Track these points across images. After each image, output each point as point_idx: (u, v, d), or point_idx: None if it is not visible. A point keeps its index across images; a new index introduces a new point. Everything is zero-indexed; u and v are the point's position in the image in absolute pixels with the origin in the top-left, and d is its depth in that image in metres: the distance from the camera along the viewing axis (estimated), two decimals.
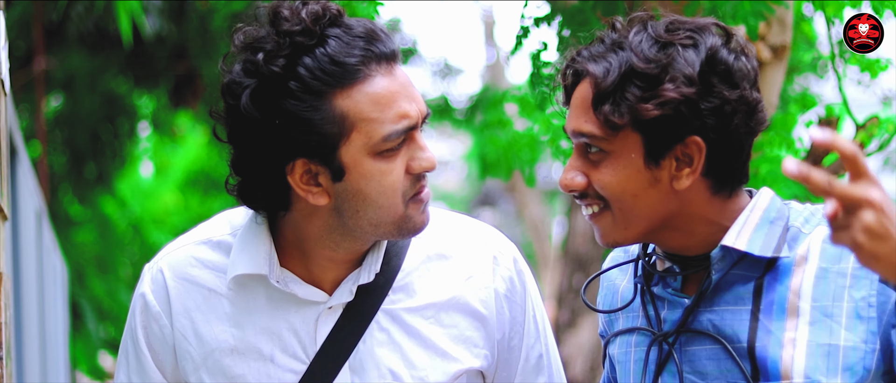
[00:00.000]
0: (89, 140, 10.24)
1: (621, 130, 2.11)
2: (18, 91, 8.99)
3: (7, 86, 3.09)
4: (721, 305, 2.18)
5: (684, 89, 2.08)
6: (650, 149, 2.12)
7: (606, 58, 2.13)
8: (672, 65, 2.09)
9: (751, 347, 2.14)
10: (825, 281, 2.12)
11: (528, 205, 13.88)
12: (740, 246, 2.14)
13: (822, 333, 2.11)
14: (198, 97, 10.46)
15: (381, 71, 2.15)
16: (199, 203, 14.35)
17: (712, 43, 2.12)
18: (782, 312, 2.13)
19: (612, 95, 2.10)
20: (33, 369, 5.15)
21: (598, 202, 2.17)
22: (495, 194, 21.60)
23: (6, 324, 2.79)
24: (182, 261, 2.34)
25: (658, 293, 2.25)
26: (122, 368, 2.38)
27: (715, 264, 2.16)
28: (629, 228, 2.16)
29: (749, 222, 2.16)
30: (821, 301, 2.12)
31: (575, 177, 2.17)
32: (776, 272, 2.15)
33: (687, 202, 2.16)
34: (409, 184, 2.18)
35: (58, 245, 7.75)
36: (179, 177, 15.01)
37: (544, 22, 3.71)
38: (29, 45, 9.15)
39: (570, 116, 2.18)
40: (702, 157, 2.12)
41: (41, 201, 6.49)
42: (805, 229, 2.17)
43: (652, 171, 2.13)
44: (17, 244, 4.76)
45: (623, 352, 2.31)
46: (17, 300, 4.60)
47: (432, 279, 2.33)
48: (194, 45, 9.74)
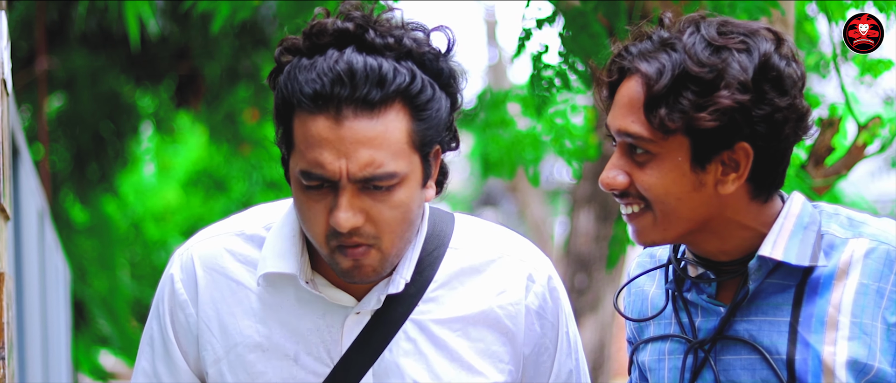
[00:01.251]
0: (91, 140, 10.23)
1: (671, 134, 2.09)
2: (21, 91, 8.99)
3: (9, 86, 3.09)
4: (758, 315, 2.16)
5: (739, 96, 2.06)
6: (698, 154, 2.10)
7: (658, 57, 2.10)
8: (726, 70, 2.06)
9: (790, 360, 2.12)
10: (865, 297, 2.10)
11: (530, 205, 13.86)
12: (777, 255, 2.12)
13: (860, 349, 2.09)
14: (200, 97, 10.46)
15: (328, 114, 2.10)
16: (201, 203, 14.34)
17: (765, 48, 2.09)
18: (821, 326, 2.11)
19: (666, 99, 2.07)
20: (35, 369, 5.15)
21: (639, 202, 2.15)
22: (497, 194, 21.58)
23: (8, 324, 2.79)
24: (214, 251, 2.32)
25: (691, 299, 2.22)
26: (146, 354, 2.36)
27: (752, 274, 2.14)
28: (669, 230, 2.14)
29: (784, 229, 2.14)
30: (860, 317, 2.10)
31: (617, 176, 2.14)
32: (816, 283, 2.13)
33: (726, 206, 2.14)
34: (332, 232, 2.15)
35: (60, 245, 7.75)
36: (182, 176, 15.01)
37: (546, 23, 3.71)
38: (31, 45, 9.15)
39: (615, 114, 2.15)
40: (749, 163, 2.10)
41: (43, 201, 6.49)
42: (841, 234, 2.15)
43: (697, 175, 2.11)
44: (19, 244, 4.76)
45: (655, 359, 2.28)
46: (20, 300, 4.60)
47: (464, 292, 2.30)
48: (196, 45, 9.74)
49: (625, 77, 2.15)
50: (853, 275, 2.11)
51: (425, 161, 2.18)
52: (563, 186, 15.91)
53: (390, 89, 2.10)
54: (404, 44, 2.13)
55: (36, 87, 9.04)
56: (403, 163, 2.13)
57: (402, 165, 2.13)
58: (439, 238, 2.31)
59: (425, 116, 2.14)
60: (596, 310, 8.77)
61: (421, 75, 2.14)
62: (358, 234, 2.14)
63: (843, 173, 3.95)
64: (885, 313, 2.09)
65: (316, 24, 2.15)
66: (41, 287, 5.82)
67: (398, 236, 2.17)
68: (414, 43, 2.14)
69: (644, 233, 2.16)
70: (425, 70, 2.15)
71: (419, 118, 2.14)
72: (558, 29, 3.73)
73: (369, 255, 2.16)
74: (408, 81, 2.11)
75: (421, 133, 2.14)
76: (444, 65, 2.17)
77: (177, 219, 15.23)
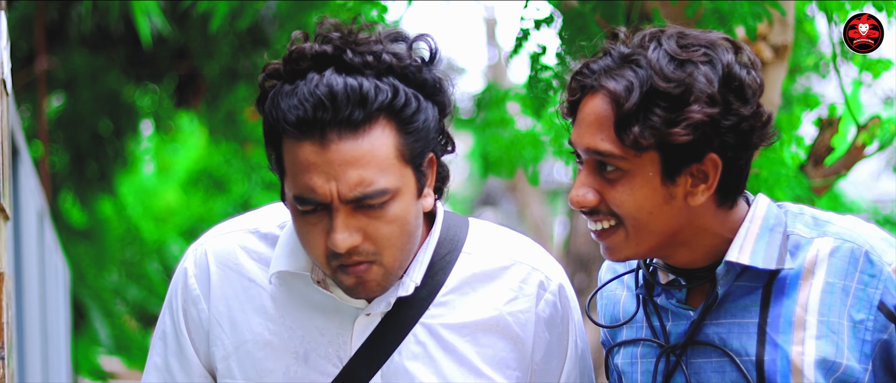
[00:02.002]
0: (91, 139, 10.23)
1: (643, 150, 2.09)
2: (20, 91, 8.99)
3: (9, 85, 3.09)
4: (727, 318, 2.17)
5: (708, 110, 2.07)
6: (668, 168, 2.11)
7: (623, 74, 2.10)
8: (694, 84, 2.08)
9: (759, 361, 2.14)
10: (831, 295, 2.13)
11: (530, 204, 13.87)
12: (744, 260, 2.14)
13: (828, 348, 2.11)
14: (199, 97, 10.46)
15: (313, 139, 2.10)
16: (201, 202, 14.34)
17: (727, 59, 2.11)
18: (789, 326, 2.13)
19: (636, 116, 2.08)
20: (35, 369, 5.14)
21: (609, 218, 2.15)
22: (497, 194, 21.58)
23: (8, 324, 2.79)
24: (228, 248, 2.33)
25: (662, 304, 2.24)
26: (158, 349, 2.36)
27: (720, 279, 2.15)
28: (641, 244, 2.15)
29: (750, 233, 2.16)
30: (827, 316, 2.12)
31: (587, 194, 2.15)
32: (782, 284, 2.15)
33: (695, 216, 2.16)
34: (331, 254, 2.15)
35: (59, 244, 7.75)
36: (181, 176, 15.01)
37: (544, 24, 3.71)
38: (31, 44, 9.15)
39: (582, 132, 2.15)
40: (717, 174, 2.12)
41: (43, 201, 6.49)
42: (806, 234, 2.17)
43: (668, 188, 2.12)
44: (18, 244, 4.76)
45: (628, 363, 2.30)
46: (19, 300, 4.60)
47: (475, 297, 2.30)
48: (196, 45, 9.74)
49: (587, 94, 2.16)
50: (819, 274, 2.14)
51: (418, 171, 2.19)
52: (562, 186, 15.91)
53: (373, 107, 2.10)
54: (384, 60, 2.13)
55: (35, 86, 9.04)
56: (394, 179, 2.13)
57: (393, 180, 2.13)
58: (453, 242, 2.31)
59: (412, 129, 2.15)
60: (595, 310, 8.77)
61: (404, 89, 2.14)
62: (357, 253, 2.15)
63: (843, 173, 3.95)
64: (851, 311, 2.11)
65: (295, 49, 2.15)
66: (41, 287, 5.82)
67: (398, 249, 2.18)
68: (394, 58, 2.14)
69: (616, 249, 2.17)
70: (408, 83, 2.15)
71: (406, 131, 2.14)
72: (556, 29, 3.73)
73: (372, 271, 2.17)
74: (390, 97, 2.12)
75: (410, 145, 2.15)
76: (427, 75, 2.17)
77: (176, 219, 15.23)
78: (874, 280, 2.11)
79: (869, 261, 2.12)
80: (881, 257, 2.12)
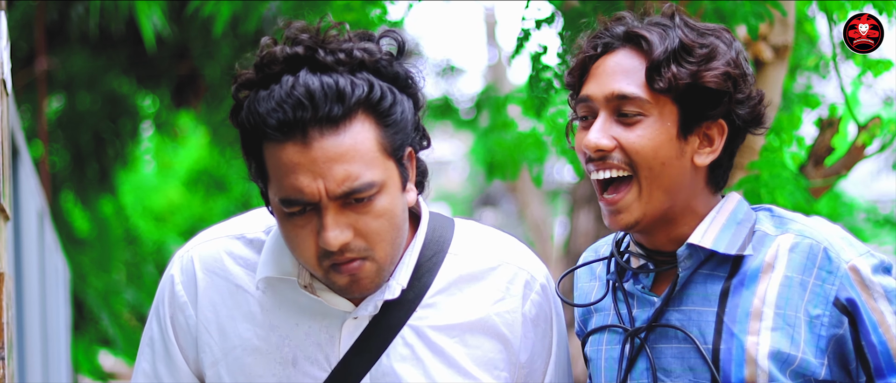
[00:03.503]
0: (91, 140, 10.24)
1: (666, 96, 2.18)
2: (20, 91, 8.99)
3: (9, 86, 3.09)
4: (688, 305, 2.22)
5: (732, 70, 2.18)
6: (684, 122, 2.19)
7: (653, 30, 2.22)
8: (717, 48, 2.20)
9: (715, 349, 2.19)
10: (789, 289, 2.18)
11: (530, 205, 13.86)
12: (706, 243, 2.20)
13: (783, 340, 2.16)
14: (199, 97, 10.46)
15: (295, 139, 2.11)
16: (201, 203, 14.35)
17: (737, 45, 2.24)
18: (746, 317, 2.18)
19: (669, 61, 2.18)
20: (35, 368, 5.15)
21: (622, 167, 2.19)
22: (497, 194, 21.58)
23: (8, 324, 2.79)
24: (214, 254, 2.34)
25: (629, 290, 2.29)
26: (146, 355, 2.37)
27: (682, 262, 2.21)
28: (650, 203, 2.20)
29: (715, 222, 2.23)
30: (784, 308, 2.17)
31: (602, 138, 2.20)
32: (743, 276, 2.20)
33: (692, 187, 2.23)
34: (323, 253, 2.16)
35: (60, 245, 7.75)
36: (182, 176, 15.01)
37: (545, 24, 3.72)
38: (31, 45, 9.15)
39: (603, 82, 2.22)
40: (722, 140, 2.21)
41: (43, 201, 6.49)
42: (771, 231, 2.23)
43: (680, 143, 2.19)
44: (18, 244, 4.76)
45: (594, 350, 2.35)
46: (19, 300, 4.60)
47: (462, 299, 2.31)
48: (196, 46, 9.74)
49: (606, 53, 2.24)
50: (779, 268, 2.19)
51: (400, 165, 2.20)
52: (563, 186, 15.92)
53: (351, 102, 2.12)
54: (355, 56, 2.15)
55: (36, 87, 9.04)
56: (379, 172, 2.14)
57: (378, 174, 2.14)
58: (438, 243, 2.32)
59: (391, 121, 2.16)
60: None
61: (378, 83, 2.16)
62: (349, 249, 2.15)
63: (843, 173, 3.95)
64: (808, 306, 2.16)
65: (266, 54, 2.16)
66: (41, 287, 5.82)
67: (389, 243, 2.19)
68: (365, 53, 2.16)
69: (625, 209, 2.21)
70: (381, 77, 2.17)
71: (385, 124, 2.16)
72: (557, 29, 3.73)
73: (364, 268, 2.18)
74: (367, 91, 2.14)
75: (390, 138, 2.16)
76: (398, 68, 2.20)
77: (176, 219, 15.24)
78: (831, 276, 2.16)
79: (827, 257, 2.17)
80: (839, 254, 2.17)
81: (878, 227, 9.62)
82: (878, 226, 9.63)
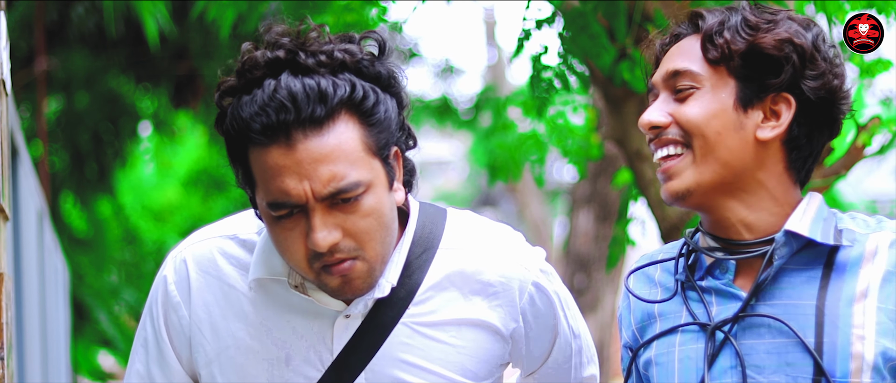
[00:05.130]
0: (90, 140, 10.24)
1: (721, 67, 2.13)
2: (20, 91, 8.99)
3: (8, 86, 3.09)
4: (782, 298, 2.13)
5: (796, 39, 2.12)
6: (743, 94, 2.13)
7: (714, 11, 2.17)
8: (782, 22, 2.14)
9: (818, 343, 2.09)
10: (891, 284, 2.10)
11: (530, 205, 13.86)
12: (803, 231, 2.11)
13: (888, 337, 2.08)
14: (199, 97, 10.46)
15: (279, 142, 2.11)
16: (201, 202, 14.35)
17: (818, 29, 2.17)
18: (849, 309, 2.09)
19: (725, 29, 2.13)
20: (34, 369, 5.15)
21: (677, 143, 2.15)
22: (497, 194, 21.59)
23: (7, 324, 2.79)
24: (207, 254, 2.33)
25: (707, 286, 2.19)
26: (140, 356, 2.37)
27: (778, 249, 2.12)
28: (704, 172, 2.13)
29: (807, 214, 2.15)
30: (886, 303, 2.09)
31: (658, 115, 2.16)
32: (842, 267, 2.13)
33: (761, 164, 2.15)
34: (313, 255, 2.16)
35: (59, 245, 7.75)
36: (182, 176, 15.01)
37: (545, 24, 3.72)
38: (30, 45, 9.15)
39: (664, 65, 2.19)
40: (790, 116, 2.13)
41: (42, 201, 6.49)
42: (860, 230, 2.16)
43: (739, 116, 2.13)
44: (18, 244, 4.76)
45: (663, 353, 2.21)
46: (19, 300, 4.60)
47: (456, 293, 2.30)
48: (195, 46, 9.74)
49: (674, 43, 2.21)
50: (879, 261, 2.11)
51: (386, 164, 2.19)
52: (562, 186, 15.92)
53: (334, 103, 2.12)
54: (336, 57, 2.15)
55: (35, 87, 9.04)
56: (364, 171, 2.14)
57: (364, 173, 2.14)
58: (429, 239, 2.31)
59: (374, 120, 2.16)
60: (595, 310, 8.77)
61: (360, 83, 2.16)
62: (338, 250, 2.15)
63: (843, 173, 3.95)
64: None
65: (247, 59, 2.16)
66: (40, 287, 5.82)
67: (378, 242, 2.18)
68: (346, 54, 2.16)
69: (678, 174, 2.15)
70: (363, 77, 2.17)
71: (369, 124, 2.16)
72: (558, 29, 3.73)
73: (355, 268, 2.17)
74: (349, 91, 2.14)
75: (374, 137, 2.16)
76: (380, 68, 2.19)
77: (175, 219, 15.23)
78: None
79: None
80: None
81: None
82: None
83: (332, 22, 3.88)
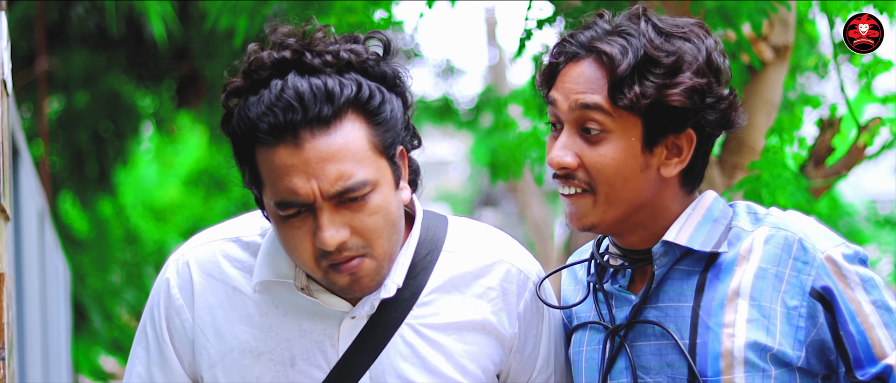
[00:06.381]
0: (92, 140, 10.23)
1: (629, 112, 2.15)
2: (21, 91, 8.99)
3: (9, 86, 3.09)
4: (665, 301, 2.22)
5: (698, 80, 2.15)
6: (649, 136, 2.17)
7: (615, 40, 2.17)
8: (683, 56, 2.15)
9: (692, 343, 2.18)
10: (764, 280, 2.17)
11: (531, 205, 13.86)
12: (681, 241, 2.19)
13: (759, 332, 2.16)
14: (200, 97, 10.46)
15: (287, 142, 2.12)
16: (202, 202, 14.35)
17: (708, 42, 2.19)
18: (721, 309, 2.18)
19: (632, 78, 2.14)
20: (35, 369, 5.15)
21: (583, 185, 2.20)
22: (497, 194, 21.59)
23: (8, 324, 2.79)
24: (210, 256, 2.34)
25: (608, 290, 2.29)
26: (140, 359, 2.37)
27: (657, 259, 2.21)
28: (608, 212, 2.20)
29: (691, 219, 2.22)
30: (759, 300, 2.17)
31: (566, 155, 2.20)
32: (718, 269, 2.20)
33: (661, 192, 2.22)
34: (321, 254, 2.17)
35: (60, 245, 7.75)
36: (183, 176, 15.01)
37: (547, 24, 3.72)
38: (31, 45, 9.15)
39: (568, 91, 2.19)
40: (691, 149, 2.19)
41: (43, 201, 6.49)
42: (747, 227, 2.22)
43: (646, 157, 2.18)
44: (19, 244, 4.75)
45: (576, 351, 2.35)
46: (20, 300, 4.60)
47: (458, 296, 2.32)
48: (197, 46, 9.74)
49: (570, 61, 2.21)
50: (753, 259, 2.18)
51: (392, 163, 2.21)
52: None
53: (340, 102, 2.14)
54: (342, 57, 2.17)
55: (36, 87, 9.04)
56: (371, 170, 2.16)
57: (371, 172, 2.16)
58: (433, 242, 2.33)
59: (381, 120, 2.18)
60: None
61: (366, 82, 2.17)
62: (346, 248, 2.16)
63: (843, 173, 3.95)
64: (784, 297, 2.16)
65: (254, 60, 2.17)
66: (41, 287, 5.82)
67: (386, 239, 2.20)
68: (352, 54, 2.18)
69: (584, 214, 2.21)
70: (369, 76, 2.19)
71: (375, 123, 2.17)
72: (559, 29, 3.73)
73: (364, 266, 2.19)
74: (355, 91, 2.15)
75: (380, 136, 2.18)
76: (386, 68, 2.21)
77: (176, 219, 15.23)
78: (807, 266, 2.16)
79: (802, 248, 2.16)
80: (815, 245, 2.17)
81: (878, 228, 9.62)
82: (878, 226, 9.63)
83: (334, 23, 3.88)
